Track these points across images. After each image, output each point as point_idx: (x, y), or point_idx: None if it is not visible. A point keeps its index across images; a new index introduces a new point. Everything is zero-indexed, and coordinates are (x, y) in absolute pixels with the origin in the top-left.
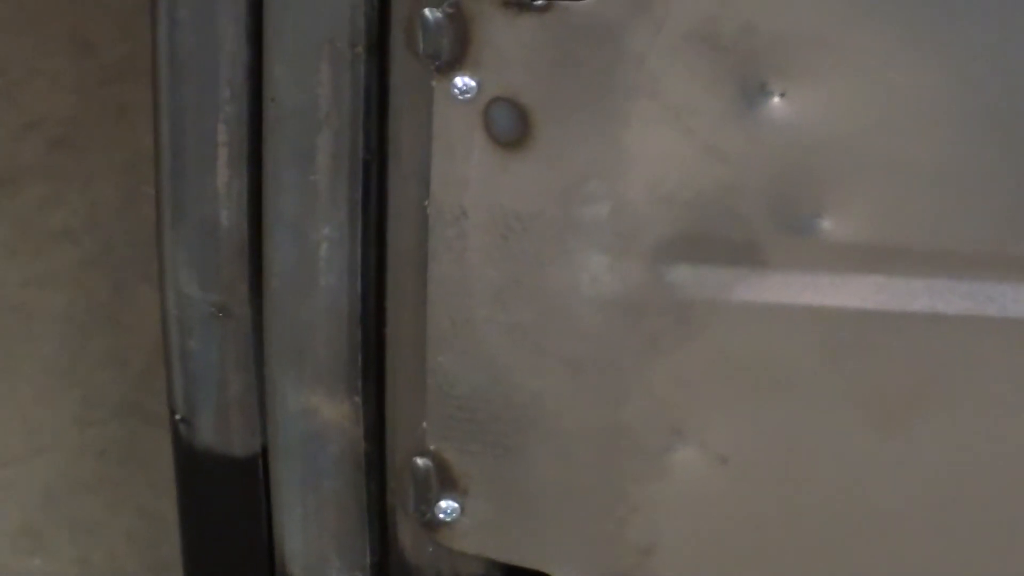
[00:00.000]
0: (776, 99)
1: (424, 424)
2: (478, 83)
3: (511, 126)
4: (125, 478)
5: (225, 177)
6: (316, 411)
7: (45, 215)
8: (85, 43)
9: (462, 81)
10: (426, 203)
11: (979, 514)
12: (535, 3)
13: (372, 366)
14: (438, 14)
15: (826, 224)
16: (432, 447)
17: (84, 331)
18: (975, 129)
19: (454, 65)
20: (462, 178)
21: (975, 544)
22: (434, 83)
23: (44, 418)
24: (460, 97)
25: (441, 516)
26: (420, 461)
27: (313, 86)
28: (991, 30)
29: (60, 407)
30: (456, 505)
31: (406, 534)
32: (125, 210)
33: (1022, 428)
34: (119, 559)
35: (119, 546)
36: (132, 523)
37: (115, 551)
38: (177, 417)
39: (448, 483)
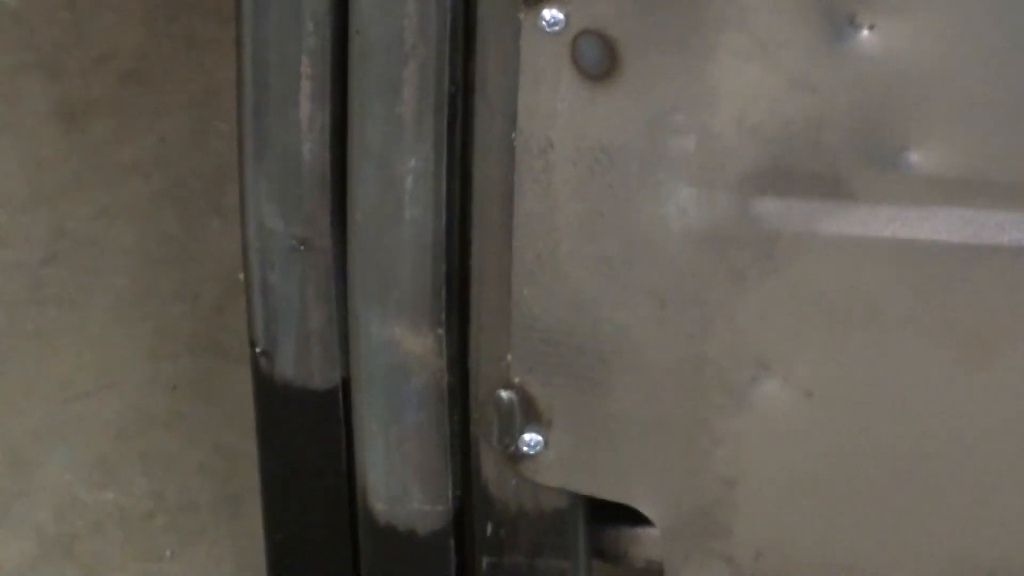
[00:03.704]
0: (865, 32)
1: (508, 357)
2: (566, 15)
3: (598, 59)
4: (198, 412)
5: (308, 110)
6: (399, 343)
7: (115, 149)
8: None
9: (550, 14)
10: (513, 135)
11: None
12: None
13: (456, 299)
14: None
15: (913, 157)
16: (516, 380)
17: (155, 265)
18: None
19: None
20: (549, 111)
21: None
22: (522, 15)
23: (116, 352)
24: (548, 30)
25: (524, 449)
26: (504, 394)
27: (399, 18)
28: None
29: (132, 341)
30: (539, 438)
31: (489, 467)
32: (195, 144)
33: None
34: (192, 492)
35: (192, 479)
36: (205, 457)
37: (188, 484)
38: (257, 350)
39: (532, 416)
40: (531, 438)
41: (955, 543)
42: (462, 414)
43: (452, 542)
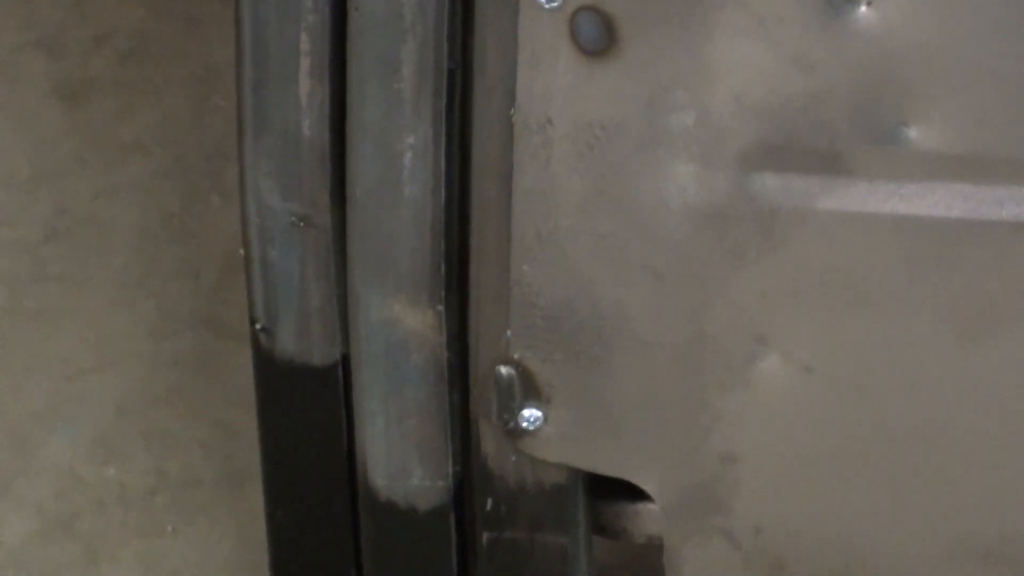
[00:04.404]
0: (863, 8)
1: (507, 333)
2: None
3: (597, 35)
4: (199, 389)
5: (307, 87)
6: (399, 320)
7: (116, 127)
8: None
9: None
10: (511, 112)
11: None
12: None
13: (455, 275)
14: None
15: (912, 133)
16: (515, 356)
17: (156, 243)
18: None
19: None
20: (547, 88)
21: None
22: None
23: (117, 330)
24: (546, 6)
25: (524, 425)
26: (503, 370)
27: None
28: None
29: (133, 319)
30: (539, 414)
31: (488, 443)
32: (196, 122)
33: None
34: (194, 469)
35: (194, 456)
36: (206, 433)
37: (190, 461)
38: (257, 327)
39: (531, 392)
40: (531, 414)
41: (954, 520)
42: (462, 390)
43: (452, 518)
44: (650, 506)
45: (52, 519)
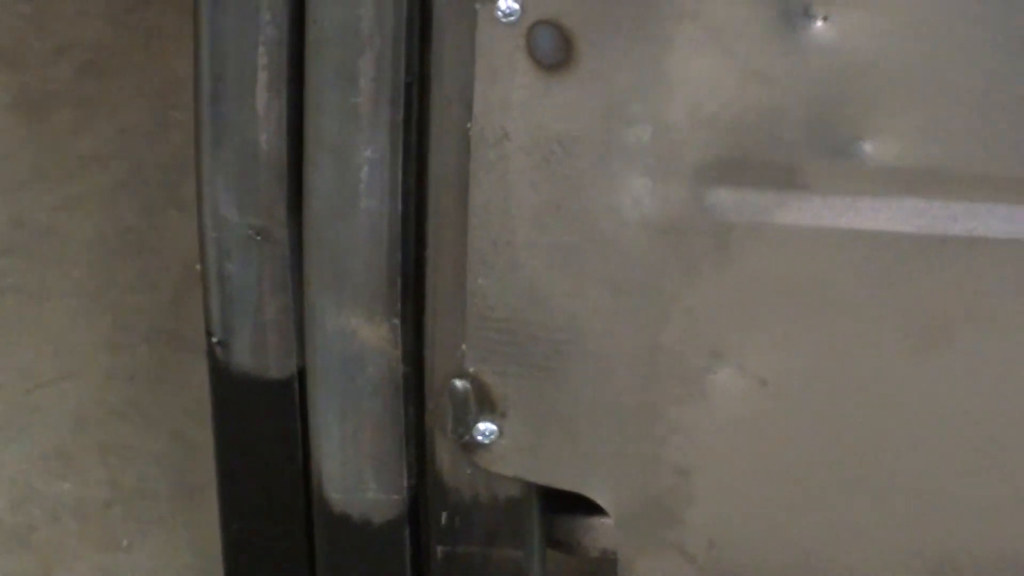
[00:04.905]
0: (819, 23)
1: (463, 346)
2: (521, 6)
3: (554, 49)
4: (155, 402)
5: (265, 100)
6: (355, 333)
7: (75, 140)
8: None
9: (505, 4)
10: (468, 125)
11: (1019, 436)
12: None
13: (411, 288)
14: None
15: (867, 147)
16: (471, 369)
17: (114, 256)
18: (1018, 53)
19: None
20: (504, 101)
21: (1014, 465)
22: (478, 5)
23: (74, 342)
24: (503, 20)
25: (479, 438)
26: (459, 383)
27: (355, 7)
28: None
29: (90, 331)
30: (494, 427)
31: (444, 456)
32: (155, 135)
33: None
34: (150, 482)
35: (149, 469)
36: (163, 447)
37: (146, 474)
38: (214, 340)
39: (486, 405)
40: (486, 427)
41: (908, 532)
42: (417, 404)
43: (407, 531)
44: (604, 520)
45: (7, 531)
